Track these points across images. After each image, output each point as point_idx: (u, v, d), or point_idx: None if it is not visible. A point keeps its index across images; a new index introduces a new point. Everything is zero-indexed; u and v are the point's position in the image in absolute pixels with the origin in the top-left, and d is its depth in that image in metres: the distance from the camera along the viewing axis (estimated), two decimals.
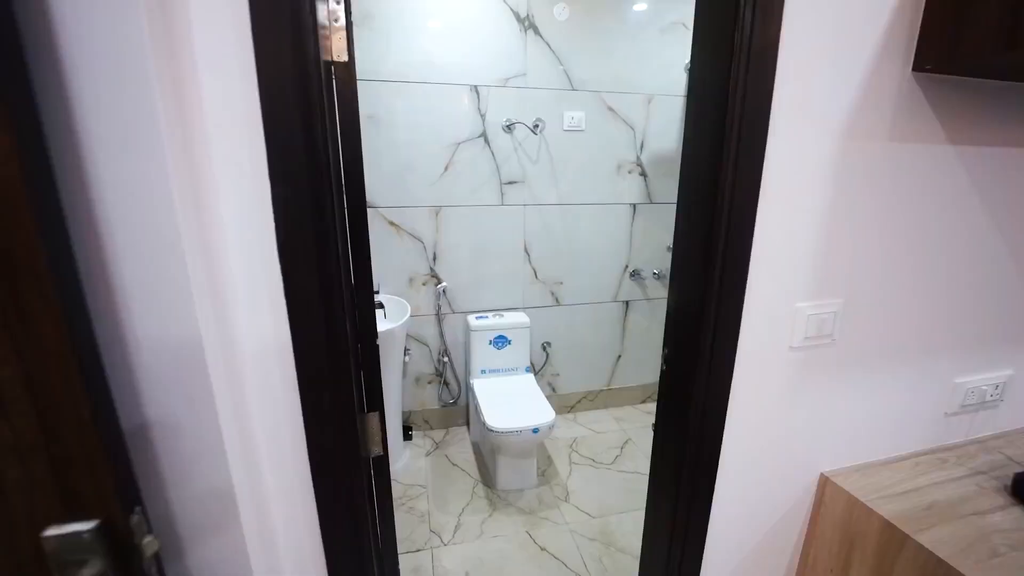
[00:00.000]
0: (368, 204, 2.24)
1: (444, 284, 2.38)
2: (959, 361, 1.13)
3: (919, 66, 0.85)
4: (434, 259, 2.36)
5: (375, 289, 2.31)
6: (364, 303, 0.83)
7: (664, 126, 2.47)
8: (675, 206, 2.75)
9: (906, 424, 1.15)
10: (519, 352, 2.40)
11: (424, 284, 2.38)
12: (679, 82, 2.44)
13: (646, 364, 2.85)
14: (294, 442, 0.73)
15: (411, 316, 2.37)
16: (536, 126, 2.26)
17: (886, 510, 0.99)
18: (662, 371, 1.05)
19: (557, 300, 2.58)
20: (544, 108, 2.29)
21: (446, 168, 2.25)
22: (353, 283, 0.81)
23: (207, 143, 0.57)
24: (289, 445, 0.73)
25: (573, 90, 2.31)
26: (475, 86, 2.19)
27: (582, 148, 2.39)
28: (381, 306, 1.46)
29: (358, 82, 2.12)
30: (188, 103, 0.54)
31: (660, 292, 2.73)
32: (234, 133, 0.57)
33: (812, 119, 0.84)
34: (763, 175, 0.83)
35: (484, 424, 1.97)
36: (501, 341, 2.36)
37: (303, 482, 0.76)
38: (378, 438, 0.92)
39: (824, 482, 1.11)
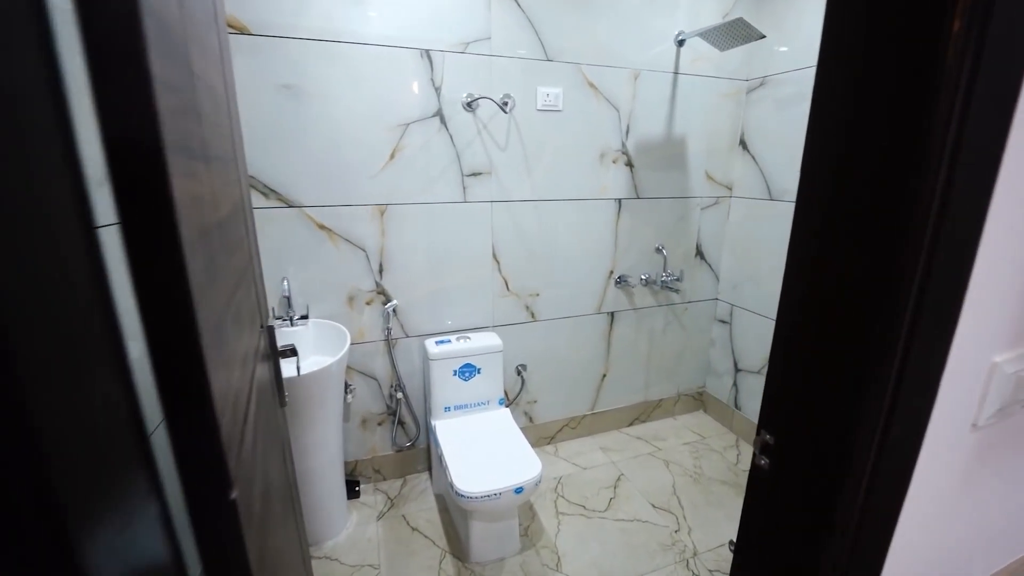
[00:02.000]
0: (288, 202, 1.72)
1: (394, 302, 1.90)
2: None
3: None
4: (380, 271, 1.86)
5: (303, 314, 1.78)
6: (188, 430, 0.36)
7: (652, 108, 2.11)
8: (669, 202, 2.28)
9: None
10: (491, 382, 1.96)
11: (369, 303, 1.88)
12: (668, 57, 2.08)
13: (633, 382, 2.49)
14: None
15: (353, 344, 1.87)
16: (505, 104, 1.83)
17: None
18: (757, 467, 0.65)
19: (533, 315, 2.16)
20: (513, 82, 1.86)
21: (392, 156, 1.77)
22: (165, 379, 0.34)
23: None
24: None
25: (548, 60, 1.89)
26: (427, 51, 1.72)
27: (559, 132, 1.98)
28: (293, 352, 0.97)
29: (266, 38, 1.59)
30: None
31: (648, 300, 2.38)
32: None
33: None
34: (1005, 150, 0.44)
35: (452, 486, 1.51)
36: (468, 370, 1.91)
37: None
38: None
39: None
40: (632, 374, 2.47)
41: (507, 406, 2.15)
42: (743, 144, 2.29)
